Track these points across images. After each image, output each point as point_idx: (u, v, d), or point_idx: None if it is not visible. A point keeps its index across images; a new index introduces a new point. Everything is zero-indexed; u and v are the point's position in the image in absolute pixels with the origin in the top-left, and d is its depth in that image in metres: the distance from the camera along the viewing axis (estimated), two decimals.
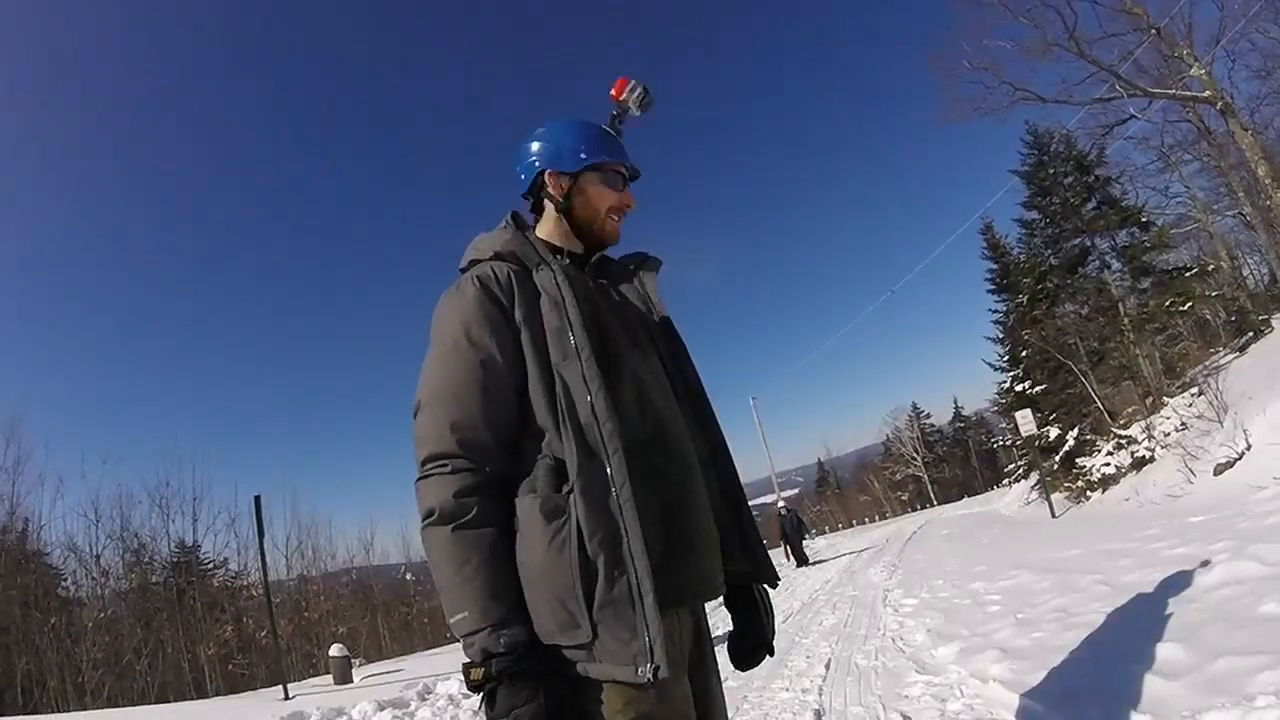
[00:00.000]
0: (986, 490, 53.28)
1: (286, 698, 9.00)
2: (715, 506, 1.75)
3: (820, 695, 5.30)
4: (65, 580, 19.39)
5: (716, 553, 1.72)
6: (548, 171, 1.82)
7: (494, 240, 1.74)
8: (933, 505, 60.11)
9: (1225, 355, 16.64)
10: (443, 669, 9.36)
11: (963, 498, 55.90)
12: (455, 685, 7.90)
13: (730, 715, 3.59)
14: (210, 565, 22.36)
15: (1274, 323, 16.08)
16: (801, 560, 19.95)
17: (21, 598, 16.49)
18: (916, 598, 8.85)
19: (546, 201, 1.86)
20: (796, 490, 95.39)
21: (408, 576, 28.96)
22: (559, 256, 1.77)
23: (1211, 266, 21.29)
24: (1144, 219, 19.86)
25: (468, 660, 1.42)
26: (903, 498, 71.87)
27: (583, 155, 1.80)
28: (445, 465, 1.49)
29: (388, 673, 11.35)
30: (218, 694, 16.18)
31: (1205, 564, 5.24)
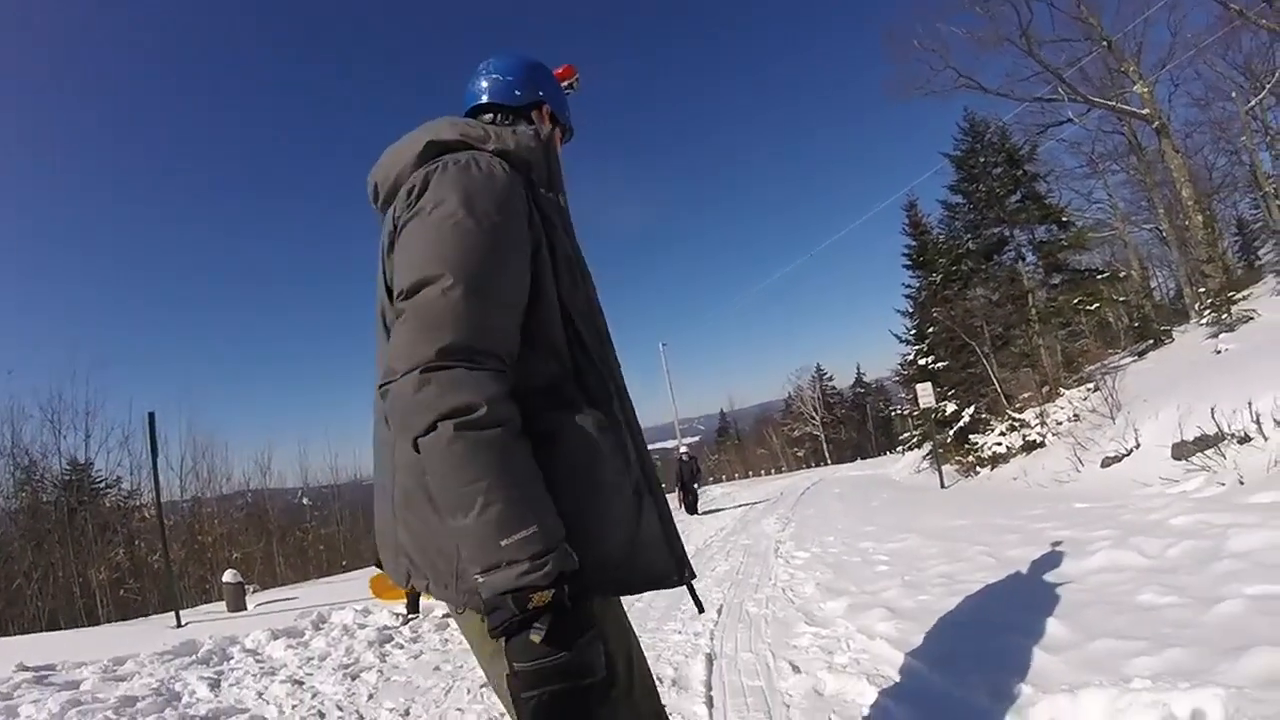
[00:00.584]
0: (879, 455, 54.92)
1: (179, 625, 8.78)
2: None
3: (712, 640, 5.39)
4: None
5: None
6: (546, 106, 1.87)
7: (502, 136, 1.54)
8: (827, 464, 61.73)
9: (1124, 358, 17.31)
10: (337, 598, 9.24)
11: (856, 460, 57.56)
12: (350, 615, 7.82)
13: None
14: (102, 484, 21.76)
15: (1175, 335, 16.79)
16: (692, 509, 19.53)
17: None
18: (808, 551, 9.08)
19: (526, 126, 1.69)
20: (698, 438, 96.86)
21: (304, 501, 28.62)
22: None
23: (1123, 273, 22.23)
24: (1064, 219, 20.45)
25: (527, 585, 1.18)
26: (799, 454, 73.57)
27: (567, 114, 1.95)
28: (480, 361, 1.27)
29: (282, 600, 11.17)
30: (109, 620, 15.70)
31: (1088, 549, 5.47)
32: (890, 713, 3.34)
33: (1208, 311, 14.64)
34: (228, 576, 10.84)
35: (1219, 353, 11.76)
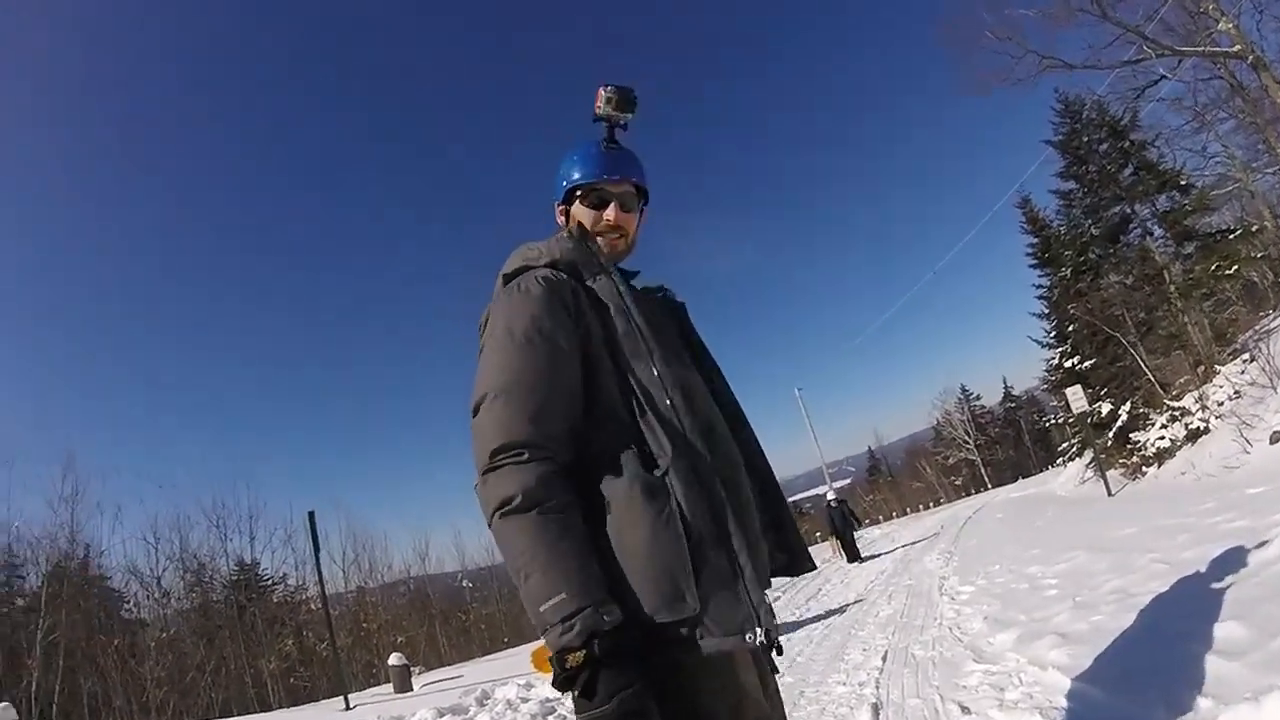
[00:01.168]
0: (1040, 470, 52.38)
1: (348, 708, 9.17)
2: (754, 508, 1.82)
3: (878, 688, 5.32)
4: (128, 603, 20.16)
5: (764, 547, 1.82)
6: (555, 202, 1.99)
7: (550, 248, 1.80)
8: (987, 488, 59.22)
9: (1276, 318, 16.21)
10: (501, 674, 9.48)
11: (1017, 479, 54.99)
12: (513, 690, 8.01)
13: (787, 710, 3.65)
14: (269, 581, 23.16)
15: None
16: (853, 556, 18.40)
17: (85, 622, 17.07)
18: (973, 584, 8.78)
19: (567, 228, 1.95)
20: (849, 480, 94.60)
21: (465, 584, 29.42)
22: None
23: (1255, 227, 20.70)
24: (1183, 182, 19.32)
25: (562, 646, 1.36)
26: (956, 482, 70.74)
27: (564, 182, 1.94)
28: (520, 454, 1.50)
29: (447, 680, 11.47)
30: (281, 707, 16.56)
31: (1263, 538, 5.15)
32: None
33: None
34: (393, 659, 11.22)
35: None
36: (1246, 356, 13.92)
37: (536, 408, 1.55)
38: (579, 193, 1.92)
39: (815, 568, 2.06)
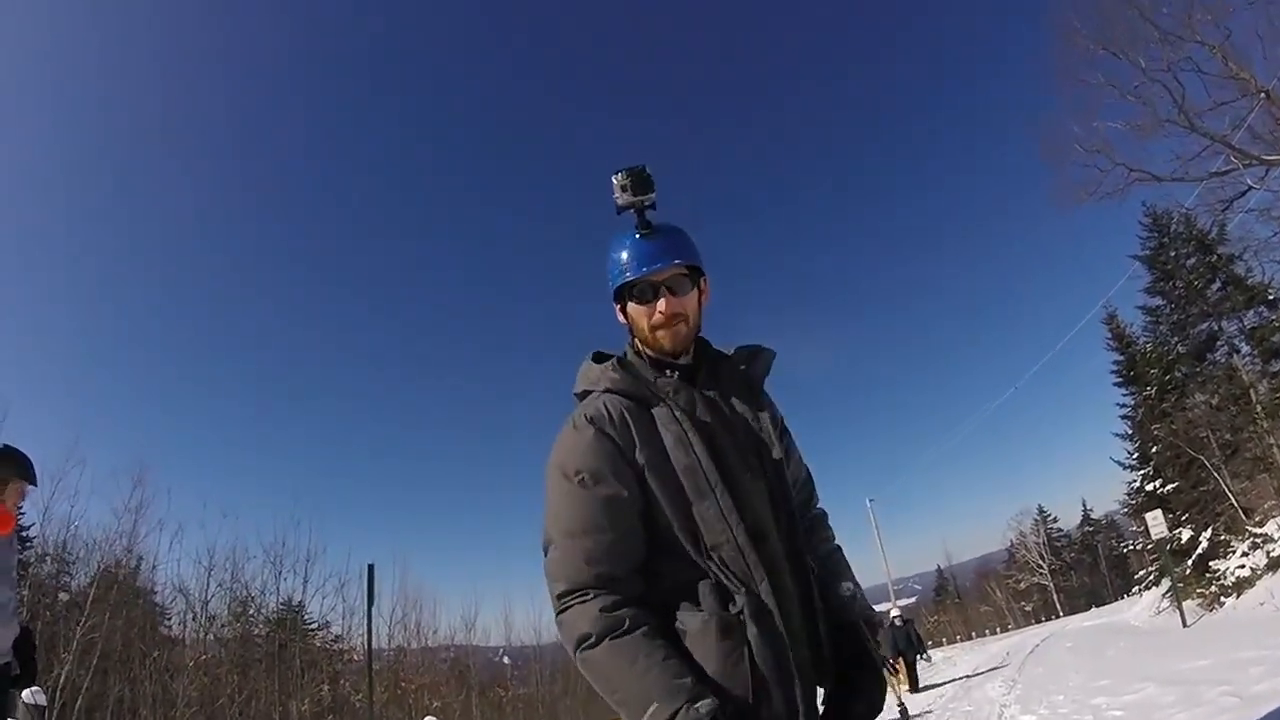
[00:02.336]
0: (1116, 599, 49.88)
1: None
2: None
3: None
4: (169, 619, 20.33)
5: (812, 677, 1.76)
6: (617, 306, 1.88)
7: (603, 376, 1.75)
8: (1059, 616, 56.33)
9: None
10: None
11: (1091, 607, 52.44)
12: None
13: None
14: (314, 625, 22.92)
15: None
16: (914, 683, 16.76)
17: (126, 629, 17.10)
18: (1034, 715, 8.12)
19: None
20: (914, 599, 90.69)
21: (505, 660, 29.42)
22: (670, 373, 1.78)
23: None
24: (1271, 296, 18.64)
25: None
26: (1026, 608, 67.52)
27: (611, 281, 1.84)
28: (585, 595, 1.54)
29: None
30: None
31: None
32: None
33: None
34: None
35: None
36: None
37: (597, 553, 1.58)
38: (629, 291, 1.81)
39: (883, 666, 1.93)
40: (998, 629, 59.65)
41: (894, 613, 18.22)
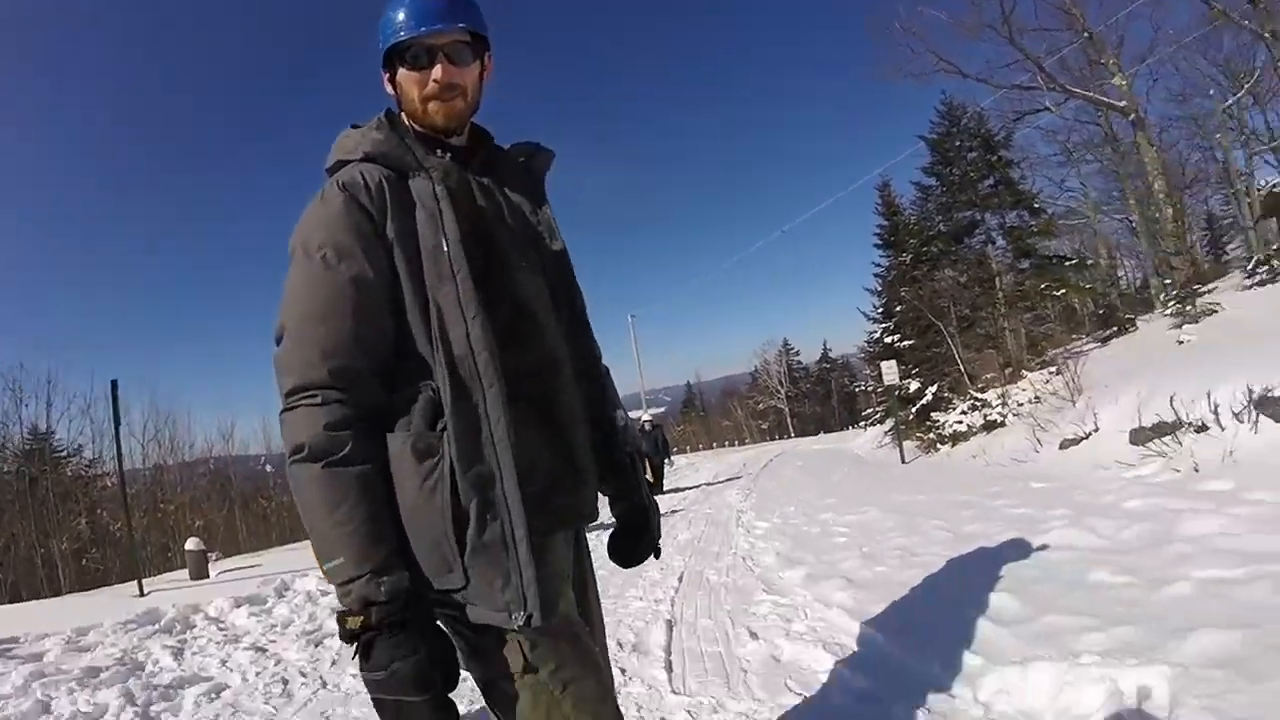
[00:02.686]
0: (842, 430, 55.24)
1: (141, 594, 8.61)
2: (586, 433, 1.70)
3: (673, 606, 5.47)
4: None
5: (593, 480, 1.71)
6: (383, 74, 1.62)
7: (363, 140, 1.52)
8: (790, 437, 62.05)
9: (1088, 344, 17.57)
10: (300, 565, 9.15)
11: (819, 433, 57.73)
12: (313, 582, 7.75)
13: None
14: (64, 453, 21.53)
15: (1140, 324, 17.05)
16: (659, 485, 16.48)
17: None
18: (768, 521, 9.19)
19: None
20: (664, 409, 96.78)
21: (267, 468, 28.40)
22: (440, 153, 1.56)
23: (1091, 261, 22.46)
24: (1036, 205, 20.54)
25: (344, 609, 1.31)
26: (763, 426, 73.74)
27: (381, 43, 1.56)
28: (314, 396, 1.35)
29: (245, 567, 10.97)
30: (72, 591, 15.37)
31: (1043, 527, 5.59)
32: (846, 681, 3.40)
33: (1172, 303, 14.83)
34: (190, 544, 10.65)
35: (1181, 343, 11.92)
36: (1053, 370, 14.99)
37: (335, 343, 1.37)
38: (399, 55, 1.54)
39: (662, 488, 1.94)
40: (736, 442, 64.92)
41: (645, 418, 18.73)
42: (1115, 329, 17.50)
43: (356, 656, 1.30)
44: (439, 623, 1.43)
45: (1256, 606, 3.06)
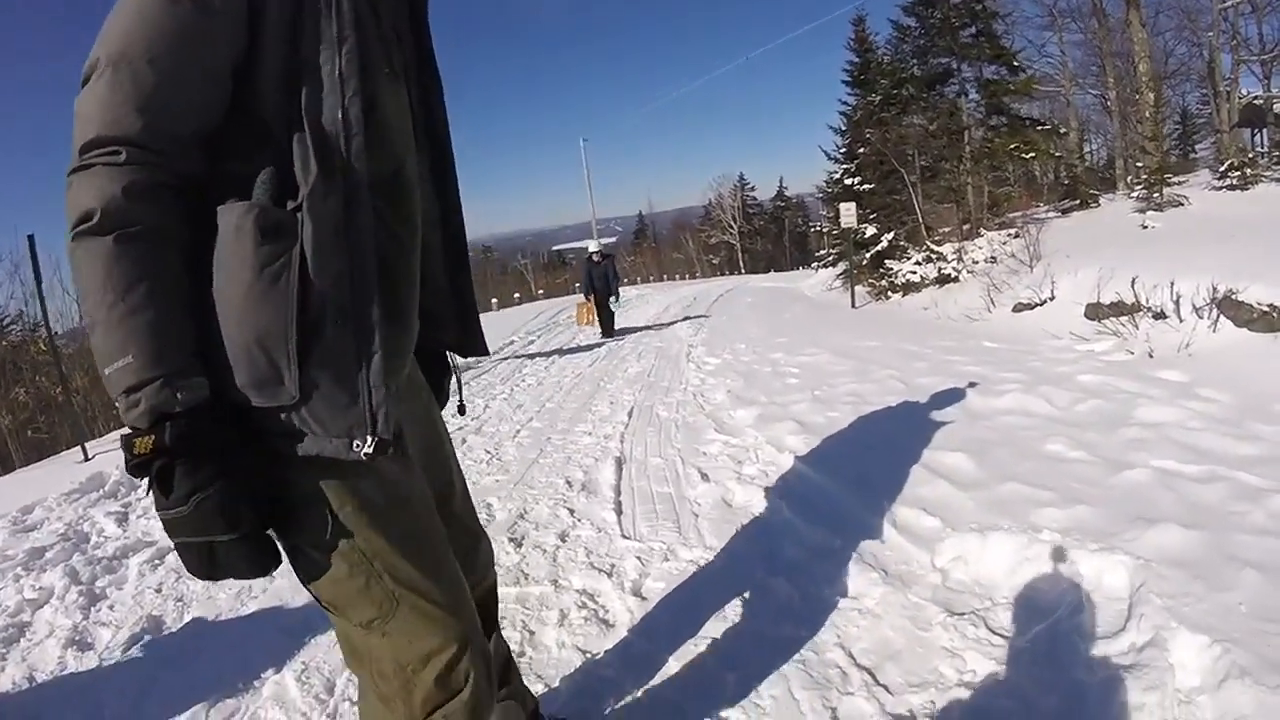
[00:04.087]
0: (793, 269, 55.58)
1: (86, 459, 8.17)
2: (436, 269, 1.56)
3: (622, 443, 5.40)
4: None
5: (452, 313, 1.62)
6: None
7: None
8: (741, 273, 62.11)
9: (1047, 212, 17.64)
10: None
11: (770, 271, 58.02)
12: None
13: (534, 455, 3.33)
14: (4, 320, 20.30)
15: (1101, 202, 17.12)
16: (607, 329, 14.83)
17: None
18: (719, 358, 9.13)
19: None
20: (615, 239, 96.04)
21: None
22: None
23: (1063, 130, 21.98)
24: (1015, 63, 19.82)
25: (129, 430, 1.06)
26: (714, 261, 73.64)
27: None
28: (116, 153, 1.05)
29: None
30: (22, 465, 14.62)
31: (997, 389, 5.56)
32: (800, 533, 3.34)
33: (1139, 186, 14.85)
34: None
35: (1145, 228, 11.93)
36: (1012, 232, 15.00)
37: (152, 89, 1.06)
38: None
39: (488, 353, 1.72)
40: (687, 276, 64.88)
41: (593, 248, 16.67)
42: (1077, 202, 17.56)
43: (150, 493, 1.07)
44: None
45: (1214, 511, 2.99)
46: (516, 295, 27.15)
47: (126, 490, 5.94)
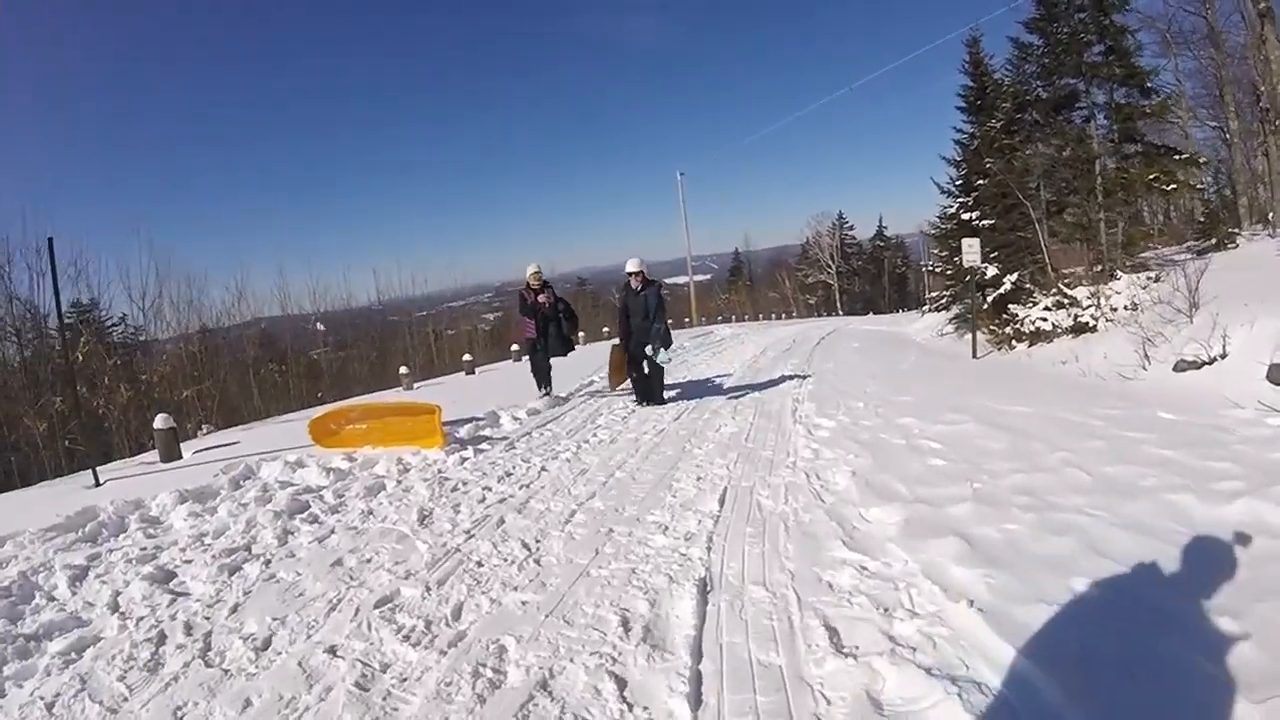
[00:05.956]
0: (892, 312, 53.51)
1: (97, 484, 7.17)
2: None
3: (709, 551, 3.94)
4: None
5: None
6: None
7: None
8: (839, 315, 60.11)
9: (1181, 253, 15.95)
10: (281, 443, 7.84)
11: (868, 314, 56.05)
12: (279, 468, 6.44)
13: (585, 560, 3.47)
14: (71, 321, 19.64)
15: (1239, 242, 15.46)
16: (645, 392, 9.79)
17: None
18: (832, 419, 7.59)
19: None
20: (709, 276, 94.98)
21: (319, 327, 27.84)
22: None
23: (1204, 159, 19.63)
24: (1148, 85, 17.65)
25: None
26: (810, 301, 71.53)
27: None
28: None
29: (222, 445, 9.34)
30: (46, 478, 13.58)
31: (1215, 489, 4.09)
32: None
33: None
34: (159, 422, 9.00)
35: None
36: (1152, 275, 13.41)
37: None
38: None
39: None
40: (783, 315, 63.02)
41: (631, 268, 10.14)
42: (1213, 242, 15.87)
43: None
44: None
45: None
46: (605, 329, 26.11)
47: (110, 532, 5.00)
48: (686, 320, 41.64)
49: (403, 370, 15.18)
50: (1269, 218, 18.02)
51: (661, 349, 9.47)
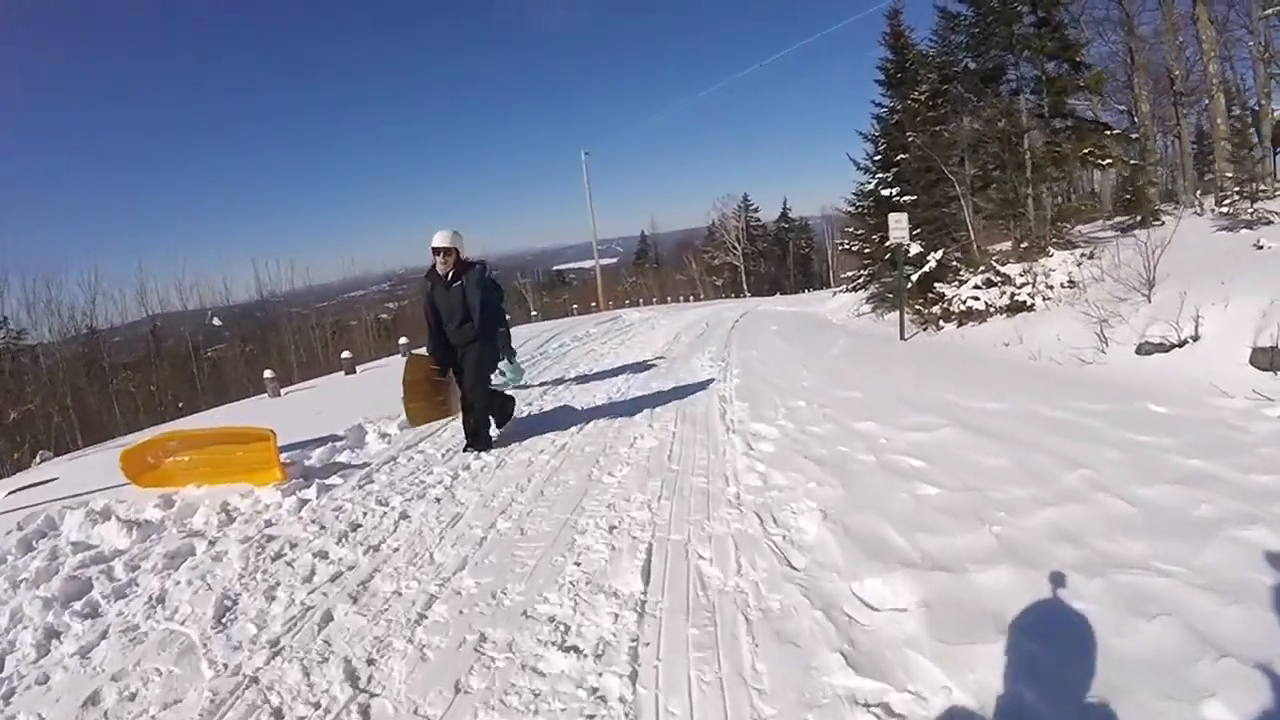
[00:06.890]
0: (798, 292, 53.18)
1: None
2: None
3: (635, 684, 2.52)
4: None
5: None
6: None
7: None
8: (746, 296, 59.63)
9: (1106, 229, 15.75)
10: (105, 480, 5.92)
11: (775, 294, 55.59)
12: (79, 519, 4.74)
13: (441, 706, 2.45)
14: None
15: (1166, 220, 14.91)
16: (473, 434, 6.46)
17: None
18: (773, 425, 6.19)
19: None
20: (615, 259, 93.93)
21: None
22: None
23: (1135, 135, 19.13)
24: (1080, 59, 16.95)
25: None
26: (717, 283, 71.09)
27: None
28: None
29: (40, 484, 7.22)
30: None
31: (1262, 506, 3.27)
32: None
33: (1230, 199, 13.16)
34: None
35: (1261, 248, 9.80)
36: (1085, 252, 12.87)
37: None
38: None
39: None
40: (690, 297, 62.35)
41: (437, 242, 6.60)
42: (1138, 219, 15.55)
43: None
44: None
45: None
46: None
47: None
48: (594, 305, 40.37)
49: (267, 374, 12.77)
50: (1178, 199, 17.84)
51: (507, 366, 7.76)
